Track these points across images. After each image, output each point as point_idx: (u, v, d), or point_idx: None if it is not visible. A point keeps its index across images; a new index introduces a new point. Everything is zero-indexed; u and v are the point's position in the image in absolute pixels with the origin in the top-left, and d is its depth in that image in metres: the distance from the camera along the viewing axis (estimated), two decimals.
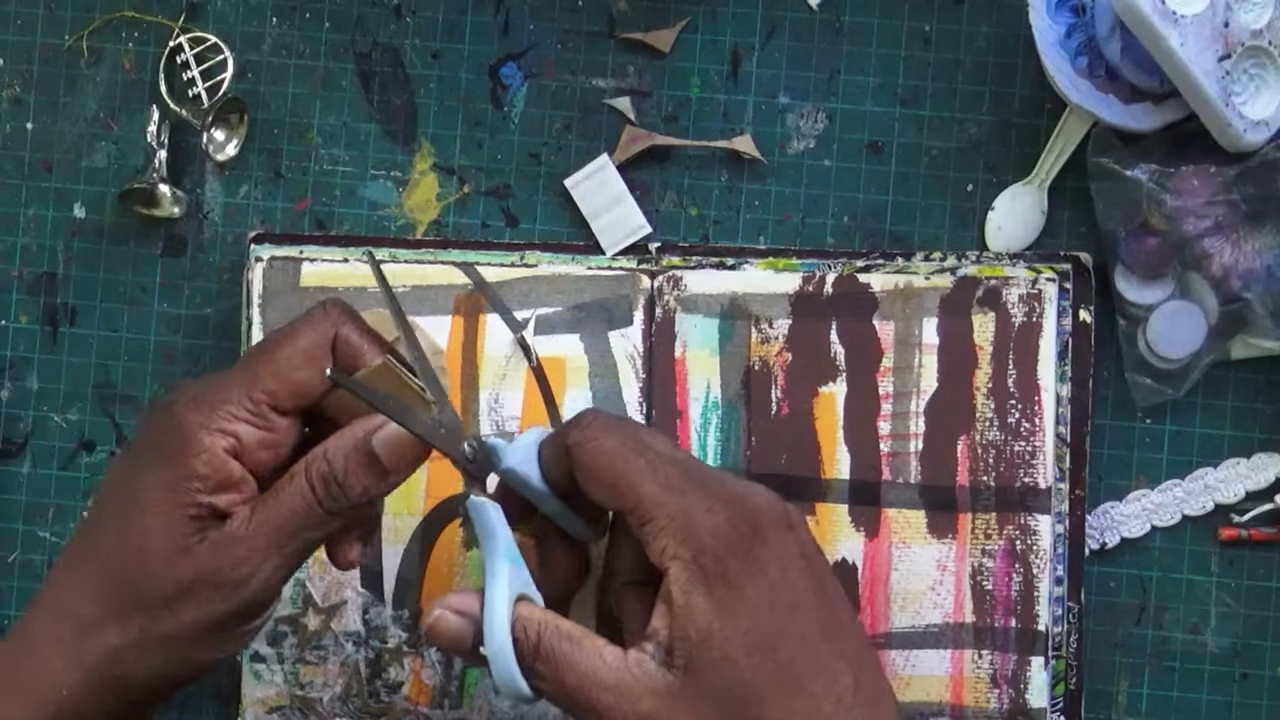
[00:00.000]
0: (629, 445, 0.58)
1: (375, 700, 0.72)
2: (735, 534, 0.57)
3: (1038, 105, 0.74)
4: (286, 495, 0.58)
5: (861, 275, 0.73)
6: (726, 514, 0.57)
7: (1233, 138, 0.69)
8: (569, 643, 0.57)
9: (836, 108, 0.75)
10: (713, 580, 0.56)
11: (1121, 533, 0.73)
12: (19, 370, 0.76)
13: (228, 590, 0.58)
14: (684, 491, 0.57)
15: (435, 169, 0.75)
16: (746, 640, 0.56)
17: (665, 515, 0.57)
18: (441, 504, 0.72)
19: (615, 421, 0.60)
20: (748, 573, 0.56)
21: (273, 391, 0.59)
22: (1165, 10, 0.67)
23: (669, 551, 0.57)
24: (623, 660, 0.57)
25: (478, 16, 0.75)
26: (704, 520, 0.57)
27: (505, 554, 0.59)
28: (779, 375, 0.72)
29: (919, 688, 0.71)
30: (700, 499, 0.57)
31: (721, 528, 0.57)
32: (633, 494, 0.58)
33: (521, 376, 0.72)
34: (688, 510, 0.57)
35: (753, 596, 0.56)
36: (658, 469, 0.58)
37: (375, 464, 0.59)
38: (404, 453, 0.59)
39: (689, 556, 0.56)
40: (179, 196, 0.74)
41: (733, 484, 0.59)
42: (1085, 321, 0.72)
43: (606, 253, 0.74)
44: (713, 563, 0.56)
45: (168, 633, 0.58)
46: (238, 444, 0.59)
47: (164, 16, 0.75)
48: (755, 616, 0.56)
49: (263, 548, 0.58)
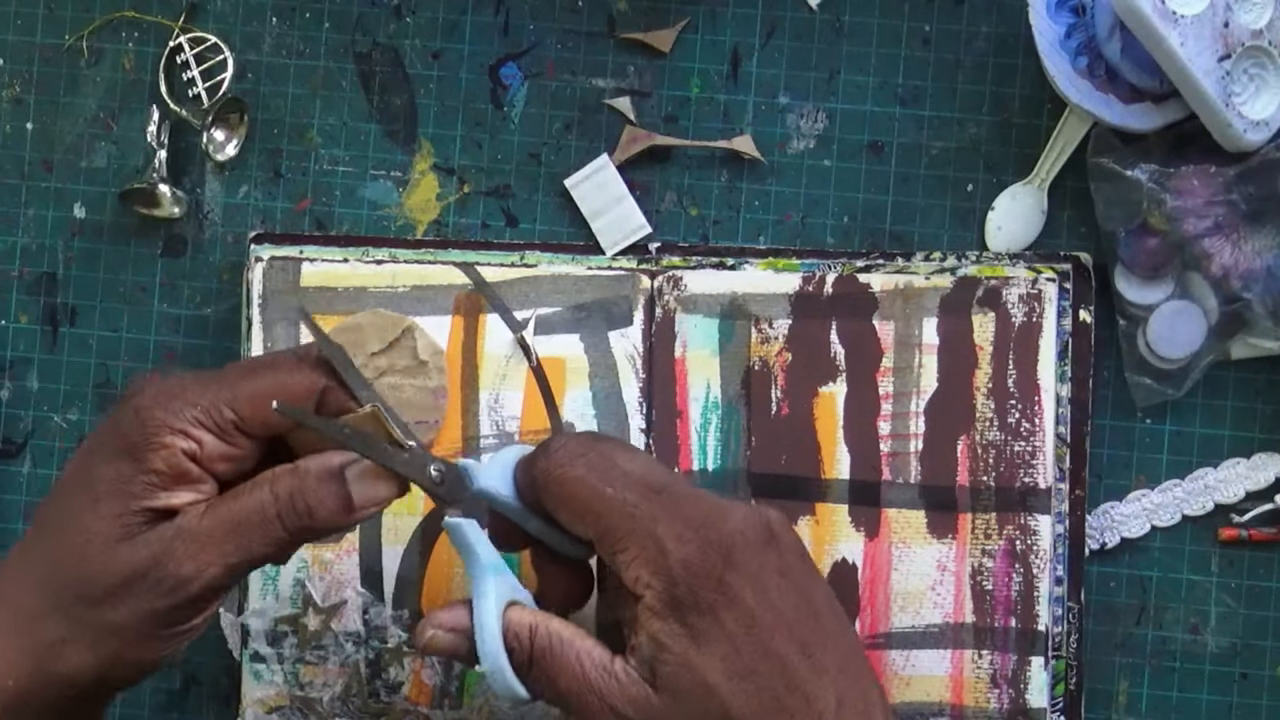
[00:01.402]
0: (596, 473, 0.57)
1: (375, 700, 0.72)
2: (706, 563, 0.56)
3: (1038, 105, 0.74)
4: (246, 502, 0.58)
5: (861, 275, 0.73)
6: (698, 542, 0.56)
7: (1233, 138, 0.69)
8: (560, 645, 0.57)
9: (836, 108, 0.75)
10: (685, 610, 0.56)
11: (1121, 533, 0.73)
12: (19, 370, 0.76)
13: (167, 587, 0.57)
14: (654, 519, 0.56)
15: (435, 169, 0.75)
16: (724, 666, 0.55)
17: (636, 546, 0.56)
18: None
19: (584, 446, 0.59)
20: (721, 601, 0.56)
21: (242, 414, 0.59)
22: (1165, 10, 0.67)
23: (642, 580, 0.56)
24: (610, 667, 0.57)
25: (478, 16, 0.75)
26: (675, 550, 0.56)
27: (488, 566, 0.59)
28: (779, 375, 0.72)
29: (919, 688, 0.71)
30: (670, 527, 0.56)
31: (693, 558, 0.56)
32: (600, 524, 0.57)
33: (521, 376, 0.72)
34: (658, 540, 0.56)
35: (728, 623, 0.56)
36: (626, 498, 0.57)
37: (345, 496, 0.58)
38: (375, 489, 0.59)
39: (661, 587, 0.56)
40: (179, 196, 0.74)
41: (707, 505, 0.57)
42: (1085, 321, 0.72)
43: (606, 253, 0.74)
44: (686, 593, 0.56)
45: (104, 626, 0.57)
46: (199, 450, 0.58)
47: (164, 16, 0.75)
48: (732, 643, 0.56)
49: (209, 549, 0.57)
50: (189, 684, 0.75)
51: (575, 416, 0.72)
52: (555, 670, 0.57)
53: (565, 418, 0.72)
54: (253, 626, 0.72)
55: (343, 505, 0.58)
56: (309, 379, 0.60)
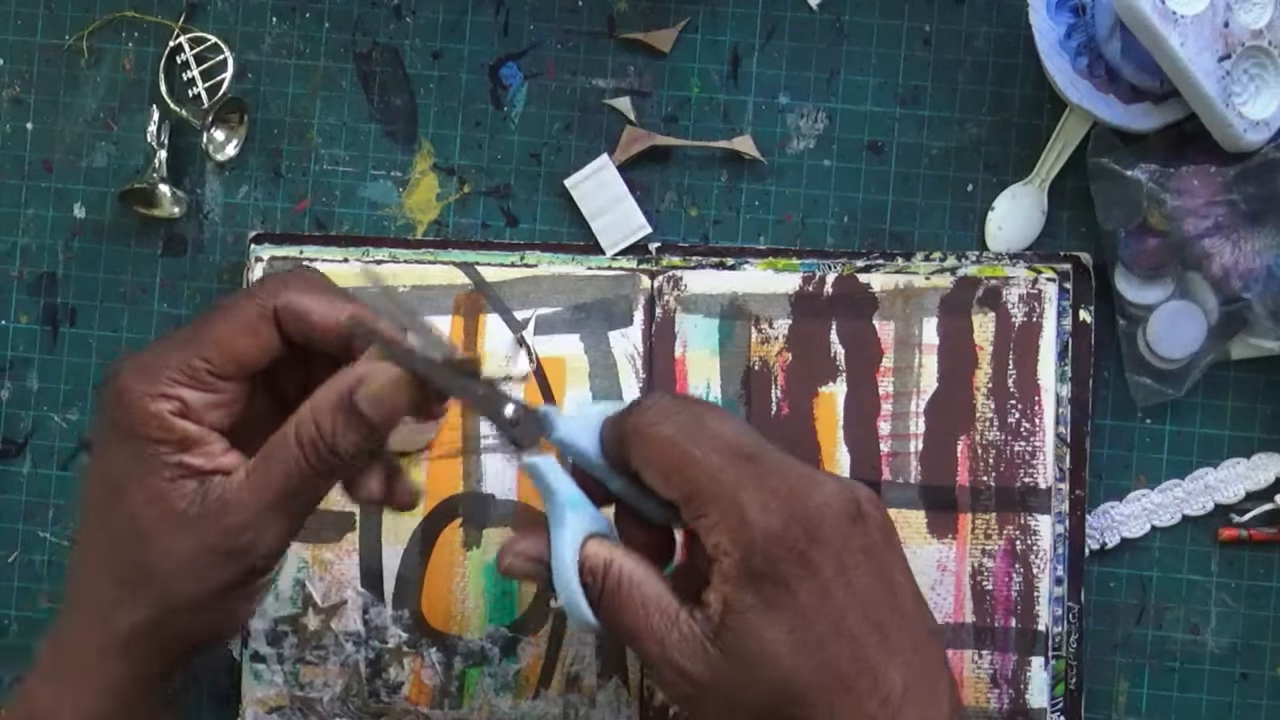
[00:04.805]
0: (686, 433, 0.57)
1: (375, 700, 0.72)
2: (789, 536, 0.55)
3: (1038, 105, 0.74)
4: (279, 458, 0.58)
5: (861, 275, 0.73)
6: (782, 514, 0.55)
7: (1233, 138, 0.69)
8: (629, 585, 0.57)
9: (836, 108, 0.75)
10: (761, 579, 0.55)
11: (1121, 533, 0.73)
12: (19, 370, 0.76)
13: (235, 556, 0.58)
14: (740, 486, 0.56)
15: (435, 169, 0.75)
16: (792, 639, 0.55)
17: (718, 512, 0.56)
18: (441, 504, 0.72)
19: (676, 406, 0.58)
20: (799, 574, 0.55)
21: (211, 359, 0.59)
22: (1165, 10, 0.67)
23: (721, 546, 0.56)
24: (675, 616, 0.56)
25: (478, 16, 0.75)
26: (758, 520, 0.55)
27: (566, 501, 0.58)
28: (779, 375, 0.72)
29: None
30: (756, 496, 0.55)
31: (775, 529, 0.55)
32: (685, 486, 0.56)
33: (521, 376, 0.72)
34: (741, 508, 0.55)
35: (802, 598, 0.55)
36: (714, 461, 0.56)
37: (362, 420, 0.57)
38: (390, 405, 0.58)
39: (739, 556, 0.55)
40: (179, 196, 0.74)
41: (796, 476, 0.56)
42: (1085, 321, 0.72)
43: (606, 253, 0.74)
44: (763, 564, 0.55)
45: (183, 602, 0.58)
46: (184, 406, 0.58)
47: (164, 16, 0.75)
48: (803, 616, 0.55)
49: (262, 511, 0.58)
50: (189, 684, 0.75)
51: None
52: (621, 608, 0.57)
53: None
54: (253, 626, 0.72)
55: (364, 431, 0.58)
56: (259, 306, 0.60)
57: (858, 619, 0.56)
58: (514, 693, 0.72)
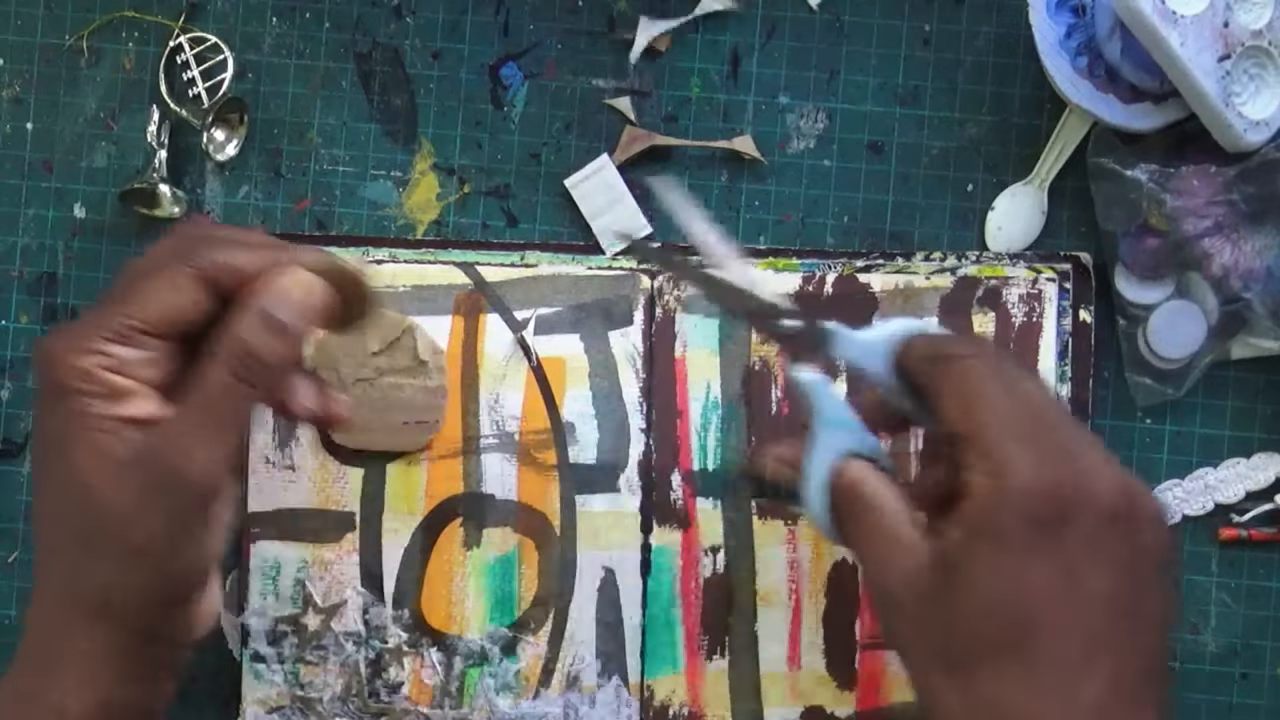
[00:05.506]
0: (1001, 379, 0.57)
1: (375, 700, 0.72)
2: (1046, 508, 0.54)
3: (1038, 105, 0.74)
4: (205, 384, 0.59)
5: (861, 275, 0.73)
6: (1052, 485, 0.55)
7: (1233, 138, 0.69)
8: (872, 511, 0.58)
9: (836, 108, 0.75)
10: (999, 539, 0.54)
11: None
12: (19, 370, 0.76)
13: (177, 486, 0.58)
14: (1024, 443, 0.55)
15: (435, 169, 0.75)
16: (1002, 609, 0.54)
17: (996, 459, 0.55)
18: (441, 504, 0.72)
19: (999, 355, 0.59)
20: (1038, 549, 0.54)
21: (142, 318, 0.59)
22: (1165, 10, 0.67)
23: (976, 486, 0.55)
24: (904, 541, 0.57)
25: (478, 16, 0.75)
26: (1028, 480, 0.55)
27: (829, 421, 0.61)
28: (779, 375, 0.72)
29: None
30: (1036, 459, 0.55)
31: (1036, 495, 0.54)
32: (974, 422, 0.56)
33: (521, 376, 0.72)
34: (1018, 464, 0.55)
35: (1031, 574, 0.54)
36: (1014, 412, 0.56)
37: (283, 328, 0.59)
38: (305, 308, 0.60)
39: (989, 503, 0.55)
40: (179, 196, 0.74)
41: (1088, 459, 0.56)
42: (1085, 321, 0.72)
43: (606, 253, 0.74)
44: (1011, 522, 0.54)
45: (141, 545, 0.58)
46: (115, 361, 0.59)
47: (164, 16, 0.75)
48: (1023, 589, 0.54)
49: (193, 432, 0.58)
50: (189, 684, 0.75)
51: (575, 416, 0.72)
52: (858, 529, 0.59)
53: (565, 418, 0.72)
54: (253, 626, 0.72)
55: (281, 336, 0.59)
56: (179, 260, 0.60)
57: (1075, 618, 0.54)
58: (514, 693, 0.72)
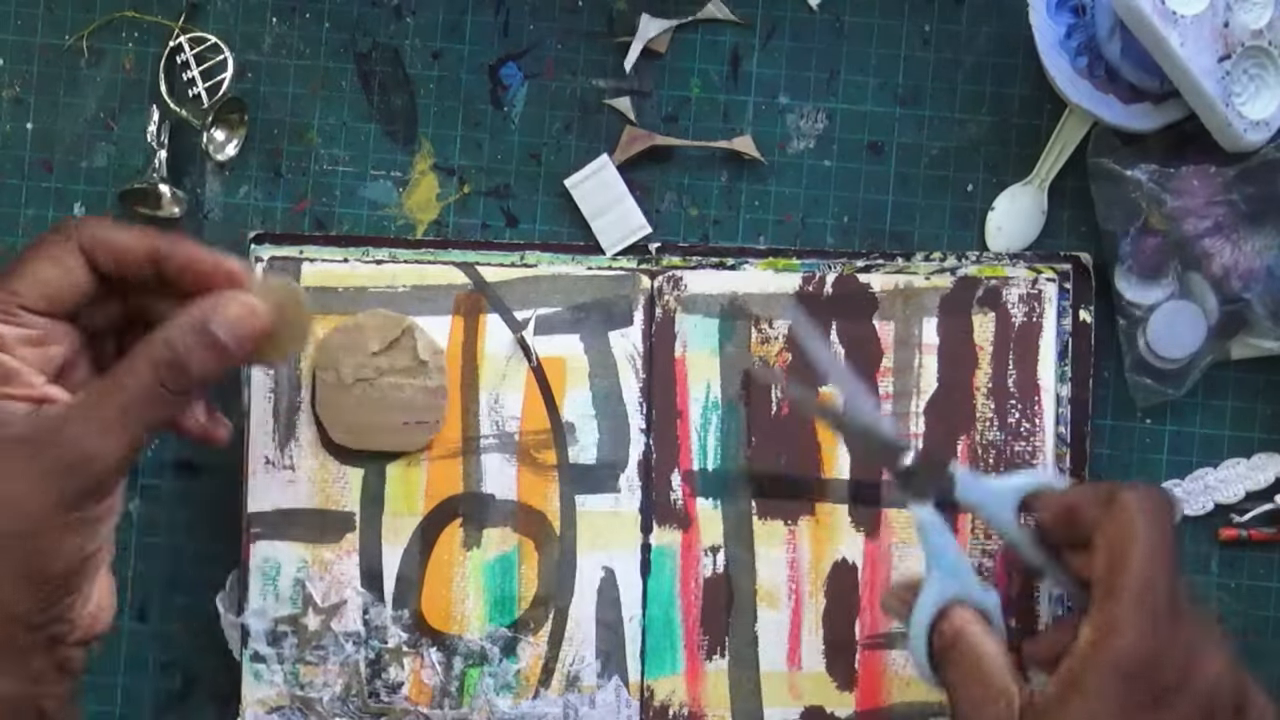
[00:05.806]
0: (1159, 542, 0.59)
1: (375, 700, 0.72)
2: (1146, 685, 0.57)
3: (1038, 105, 0.74)
4: (127, 379, 0.59)
5: (861, 275, 0.73)
6: (1153, 653, 0.58)
7: (1233, 138, 0.69)
8: (971, 657, 0.62)
9: (836, 108, 0.75)
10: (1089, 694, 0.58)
11: None
12: None
13: (74, 471, 0.58)
14: (1152, 614, 0.58)
15: (435, 169, 0.75)
16: None
17: (1120, 623, 0.58)
18: (441, 504, 0.72)
19: (1162, 511, 0.61)
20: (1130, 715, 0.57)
21: (22, 294, 0.60)
22: (1165, 10, 0.67)
23: (1087, 645, 0.58)
24: (997, 686, 0.61)
25: (478, 16, 0.75)
26: (1132, 642, 0.58)
27: (939, 564, 0.64)
28: (780, 379, 0.72)
29: (919, 688, 0.71)
30: (1153, 630, 0.58)
31: (1140, 664, 0.57)
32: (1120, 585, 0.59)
33: (521, 376, 0.72)
34: (1138, 630, 0.58)
35: None
36: (1153, 579, 0.58)
37: (217, 345, 0.60)
38: (245, 331, 0.60)
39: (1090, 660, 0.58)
40: (179, 196, 0.74)
41: (1201, 641, 0.59)
42: (1085, 321, 0.72)
43: (606, 253, 0.74)
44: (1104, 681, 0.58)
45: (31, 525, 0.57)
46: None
47: (164, 16, 0.75)
48: None
49: (102, 426, 0.58)
50: (189, 684, 0.75)
51: (575, 416, 0.72)
52: (953, 674, 0.63)
53: (565, 418, 0.72)
54: (253, 626, 0.72)
55: (218, 356, 0.60)
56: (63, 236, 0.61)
57: None
58: (514, 693, 0.72)
